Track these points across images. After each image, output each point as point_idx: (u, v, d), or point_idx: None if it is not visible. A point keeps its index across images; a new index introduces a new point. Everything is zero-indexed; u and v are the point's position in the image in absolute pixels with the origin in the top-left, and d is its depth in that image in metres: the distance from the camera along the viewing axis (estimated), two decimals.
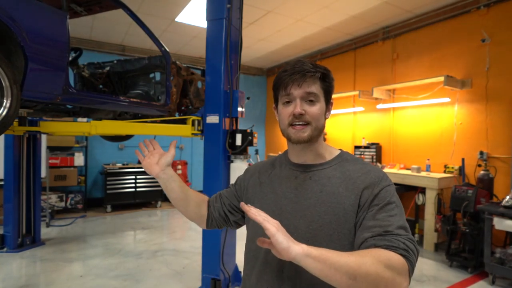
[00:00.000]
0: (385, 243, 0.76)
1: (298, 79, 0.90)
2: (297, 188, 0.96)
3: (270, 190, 1.01)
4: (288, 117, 0.92)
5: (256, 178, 1.09)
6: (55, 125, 3.32)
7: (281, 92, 0.94)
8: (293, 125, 0.92)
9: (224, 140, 2.89)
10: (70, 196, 5.86)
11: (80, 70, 3.70)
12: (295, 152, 1.01)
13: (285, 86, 0.91)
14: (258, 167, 1.13)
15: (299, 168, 1.00)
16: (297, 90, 0.90)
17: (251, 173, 1.13)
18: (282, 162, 1.06)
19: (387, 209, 0.85)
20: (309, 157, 0.98)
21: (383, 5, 4.57)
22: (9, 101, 2.11)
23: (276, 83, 0.95)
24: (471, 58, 4.27)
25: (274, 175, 1.04)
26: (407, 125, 5.12)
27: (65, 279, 3.20)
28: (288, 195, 0.96)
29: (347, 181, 0.92)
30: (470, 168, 4.21)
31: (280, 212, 0.95)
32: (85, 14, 3.44)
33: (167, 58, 3.55)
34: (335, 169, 0.96)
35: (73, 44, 3.76)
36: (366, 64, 5.84)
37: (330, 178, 0.94)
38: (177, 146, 7.43)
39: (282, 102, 0.95)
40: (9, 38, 2.21)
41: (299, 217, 0.92)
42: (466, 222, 3.62)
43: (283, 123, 0.95)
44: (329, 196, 0.91)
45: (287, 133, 0.95)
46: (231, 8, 2.85)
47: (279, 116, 0.97)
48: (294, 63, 0.94)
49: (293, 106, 0.91)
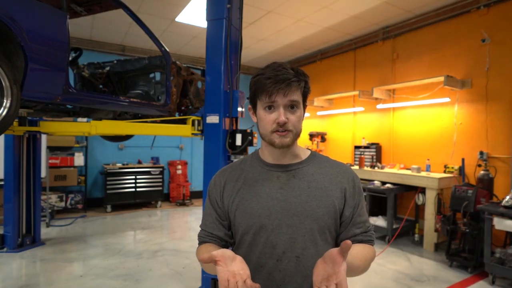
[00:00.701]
0: (368, 238, 1.00)
1: (284, 88, 0.90)
2: (282, 187, 0.97)
3: (252, 193, 0.98)
4: (272, 124, 0.93)
5: (230, 186, 1.03)
6: (55, 125, 3.33)
7: (264, 98, 0.93)
8: (276, 131, 0.93)
9: (224, 140, 2.89)
10: (70, 196, 5.86)
11: (80, 70, 3.70)
12: (274, 155, 1.01)
13: (269, 94, 0.91)
14: (225, 176, 1.06)
15: (279, 168, 1.00)
16: (282, 99, 0.91)
17: (220, 185, 1.04)
18: (254, 165, 1.04)
19: (362, 204, 1.02)
20: (288, 158, 1.01)
21: (383, 5, 4.57)
22: (9, 101, 2.12)
23: (258, 88, 0.94)
24: (471, 58, 4.28)
25: (250, 179, 1.01)
26: (407, 125, 5.12)
27: (65, 279, 3.20)
28: (274, 196, 0.96)
29: (329, 176, 1.00)
30: (470, 168, 4.22)
31: (269, 213, 0.95)
32: (85, 14, 3.44)
33: (167, 58, 3.55)
34: (314, 166, 1.02)
35: (73, 44, 3.76)
36: (366, 64, 5.84)
37: (313, 174, 1.00)
38: (177, 146, 7.44)
39: (263, 106, 0.94)
40: (9, 38, 2.21)
41: (291, 214, 0.94)
42: (466, 222, 3.62)
43: (265, 128, 0.95)
44: (318, 191, 0.97)
45: (270, 139, 0.95)
46: (231, 8, 2.85)
47: (261, 120, 0.96)
48: (275, 68, 0.93)
49: (277, 114, 0.92)
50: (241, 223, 0.97)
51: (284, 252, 0.93)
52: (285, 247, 0.93)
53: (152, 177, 6.52)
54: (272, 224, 0.94)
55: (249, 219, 0.96)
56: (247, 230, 0.97)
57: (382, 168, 5.01)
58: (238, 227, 0.99)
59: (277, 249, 0.93)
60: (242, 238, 0.99)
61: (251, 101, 1.01)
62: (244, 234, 0.98)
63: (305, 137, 6.63)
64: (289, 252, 0.93)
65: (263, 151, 1.05)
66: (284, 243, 0.93)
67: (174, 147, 7.37)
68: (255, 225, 0.95)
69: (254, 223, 0.95)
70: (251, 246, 0.96)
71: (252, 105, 1.01)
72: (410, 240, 4.59)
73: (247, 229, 0.96)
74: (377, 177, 4.80)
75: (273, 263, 0.93)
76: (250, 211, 0.96)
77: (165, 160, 7.18)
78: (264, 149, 1.04)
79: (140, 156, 6.88)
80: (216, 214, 1.03)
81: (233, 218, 1.00)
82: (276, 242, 0.93)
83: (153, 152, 6.92)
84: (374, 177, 4.83)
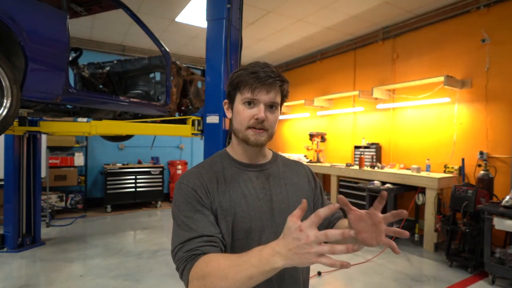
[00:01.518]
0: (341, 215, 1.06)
1: (268, 85, 0.90)
2: (264, 187, 0.98)
3: (239, 195, 0.94)
4: (250, 119, 0.92)
5: (213, 189, 0.93)
6: (55, 125, 3.33)
7: (245, 93, 0.91)
8: (253, 128, 0.92)
9: (224, 140, 2.89)
10: (70, 196, 5.86)
11: (80, 70, 3.71)
12: (249, 154, 1.00)
13: (252, 88, 0.90)
14: (202, 178, 0.94)
15: (254, 168, 1.00)
16: (264, 96, 0.91)
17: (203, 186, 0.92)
18: (228, 166, 0.99)
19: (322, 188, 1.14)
20: (259, 158, 1.02)
21: (383, 5, 4.57)
22: (9, 101, 2.12)
23: (240, 82, 0.92)
24: (471, 58, 4.28)
25: (231, 181, 0.95)
26: (407, 125, 5.12)
27: (65, 279, 3.20)
28: (259, 196, 0.96)
29: (294, 172, 1.07)
30: (470, 168, 4.21)
31: (260, 214, 0.93)
32: (85, 14, 3.45)
33: (167, 58, 3.55)
34: (280, 164, 1.06)
35: (73, 44, 3.77)
36: (366, 64, 5.84)
37: (284, 172, 1.04)
38: (177, 146, 7.44)
39: (243, 101, 0.93)
40: (9, 38, 2.21)
41: (277, 213, 0.96)
42: (466, 222, 3.62)
43: (241, 123, 0.93)
44: (293, 187, 1.02)
45: (245, 135, 0.93)
46: (231, 8, 2.85)
47: (238, 114, 0.94)
48: (260, 65, 0.92)
49: (257, 110, 0.91)
50: (233, 227, 0.91)
51: None
52: None
53: (152, 177, 6.52)
54: (262, 225, 0.93)
55: (242, 222, 0.91)
56: (239, 234, 0.92)
57: (382, 168, 5.01)
58: (228, 234, 0.91)
59: None
60: (233, 244, 0.91)
61: (228, 95, 0.99)
62: (235, 239, 0.91)
63: (305, 137, 6.63)
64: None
65: (235, 151, 1.01)
66: None
67: (174, 147, 7.37)
68: (247, 229, 0.92)
69: (246, 227, 0.92)
70: (243, 250, 0.89)
71: (229, 99, 0.99)
72: (410, 240, 4.59)
73: (238, 234, 0.92)
74: (377, 177, 4.80)
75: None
76: (242, 214, 0.92)
77: (165, 160, 7.18)
78: (237, 148, 1.01)
79: (140, 156, 6.88)
80: (212, 215, 0.90)
81: (222, 224, 0.90)
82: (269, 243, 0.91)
83: (153, 152, 6.92)
84: (374, 177, 4.83)
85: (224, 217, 0.90)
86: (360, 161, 5.23)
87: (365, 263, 3.75)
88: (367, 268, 3.60)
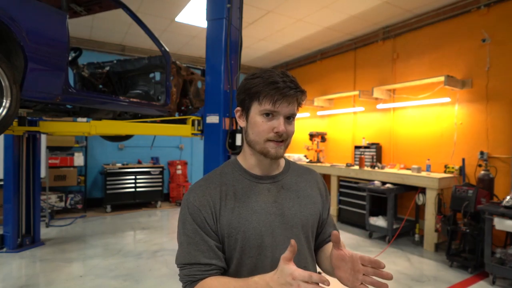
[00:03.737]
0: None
1: (289, 97, 0.86)
2: (276, 200, 0.94)
3: (249, 211, 0.90)
4: (269, 132, 0.88)
5: (221, 206, 0.90)
6: (55, 125, 3.32)
7: (264, 104, 0.87)
8: (272, 140, 0.89)
9: (224, 140, 2.88)
10: (69, 196, 5.85)
11: (80, 70, 3.70)
12: (263, 166, 0.96)
13: (273, 100, 0.86)
14: (207, 194, 0.91)
15: (267, 180, 0.96)
16: (285, 109, 0.87)
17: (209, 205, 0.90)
18: (239, 177, 0.95)
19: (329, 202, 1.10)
20: (273, 168, 0.99)
21: (383, 5, 4.56)
22: (8, 101, 2.11)
23: (259, 91, 0.87)
24: (472, 58, 4.27)
25: (241, 195, 0.92)
26: (407, 125, 5.11)
27: (65, 279, 3.20)
28: (270, 210, 0.92)
29: (307, 182, 1.04)
30: (471, 168, 4.21)
31: (272, 230, 0.90)
32: (85, 14, 3.44)
33: (167, 58, 3.55)
34: (293, 174, 1.03)
35: (73, 44, 3.76)
36: (366, 64, 5.84)
37: (297, 183, 1.01)
38: (177, 146, 7.43)
39: (261, 113, 0.88)
40: (9, 38, 2.20)
41: (290, 227, 0.93)
42: (467, 222, 3.61)
43: (259, 135, 0.89)
44: (306, 199, 0.99)
45: (264, 147, 0.89)
46: (231, 8, 2.85)
47: (255, 126, 0.89)
48: (279, 75, 0.87)
49: (277, 123, 0.87)
50: (243, 246, 0.88)
51: None
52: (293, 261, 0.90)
53: (152, 177, 6.51)
54: (275, 240, 0.90)
55: (252, 240, 0.88)
56: (251, 252, 0.89)
57: (382, 168, 5.01)
58: (238, 252, 0.89)
59: None
60: (242, 262, 0.89)
61: (242, 102, 0.92)
62: (246, 258, 0.89)
63: (305, 137, 6.63)
64: (297, 264, 0.88)
65: (247, 161, 0.97)
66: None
67: (174, 147, 7.37)
68: (259, 246, 0.89)
69: (258, 244, 0.89)
70: (256, 269, 0.88)
71: (242, 107, 0.93)
72: (410, 240, 4.59)
73: (250, 251, 0.88)
74: (377, 177, 4.79)
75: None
76: (253, 232, 0.88)
77: (165, 160, 7.17)
78: (250, 159, 0.96)
79: (140, 156, 6.88)
80: (212, 240, 0.88)
81: (231, 241, 0.89)
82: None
83: (153, 152, 6.91)
84: (374, 177, 4.82)
85: (233, 235, 0.88)
86: (360, 161, 5.23)
87: None
88: None
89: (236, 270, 0.90)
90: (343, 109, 6.17)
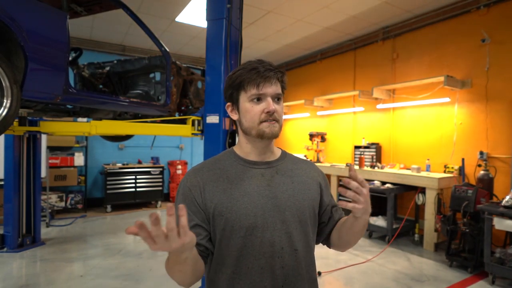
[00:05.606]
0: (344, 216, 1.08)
1: (270, 77, 0.93)
2: (269, 184, 0.97)
3: (241, 193, 0.94)
4: (261, 114, 0.94)
5: (212, 187, 0.95)
6: (55, 125, 3.33)
7: (251, 90, 0.93)
8: (265, 121, 0.94)
9: (224, 140, 2.89)
10: (70, 196, 5.86)
11: (80, 70, 3.71)
12: (258, 151, 1.00)
13: (257, 84, 0.92)
14: (201, 176, 0.97)
15: (261, 165, 1.00)
16: (269, 89, 0.93)
17: (199, 186, 0.95)
18: (233, 163, 1.00)
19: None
20: (268, 155, 1.03)
21: (383, 5, 4.57)
22: (9, 101, 2.12)
23: (243, 81, 0.94)
24: (471, 58, 4.28)
25: (234, 178, 0.96)
26: (407, 125, 5.12)
27: (65, 279, 3.20)
28: (263, 193, 0.95)
29: (304, 170, 1.06)
30: (470, 168, 4.21)
31: (263, 212, 0.93)
32: (85, 14, 3.44)
33: (167, 58, 3.55)
34: (289, 162, 1.06)
35: (73, 44, 3.76)
36: (366, 64, 5.84)
37: (292, 170, 1.04)
38: (177, 146, 7.44)
39: (249, 99, 0.94)
40: (9, 38, 2.21)
41: (283, 210, 0.96)
42: (466, 222, 3.61)
43: (252, 120, 0.95)
44: (301, 185, 1.02)
45: (259, 129, 0.94)
46: (231, 8, 2.85)
47: (247, 113, 0.95)
48: (256, 61, 0.96)
49: (266, 104, 0.93)
50: (233, 226, 0.91)
51: (282, 248, 0.93)
52: (282, 243, 0.93)
53: (152, 177, 6.52)
54: (266, 222, 0.93)
55: (243, 220, 0.91)
56: (240, 232, 0.91)
57: (382, 168, 5.01)
58: (228, 231, 0.92)
59: (275, 247, 0.92)
60: (232, 242, 0.92)
61: (230, 97, 0.99)
62: (235, 238, 0.92)
63: (305, 137, 6.63)
64: (288, 247, 0.94)
65: (242, 149, 1.02)
66: (281, 239, 0.93)
67: (174, 147, 7.37)
68: (249, 226, 0.91)
69: (249, 224, 0.91)
70: (245, 248, 0.92)
71: (232, 101, 0.99)
72: (410, 240, 4.60)
73: (240, 231, 0.91)
74: (377, 177, 4.80)
75: (274, 261, 0.92)
76: (244, 211, 0.92)
77: (165, 160, 7.18)
78: (245, 147, 1.01)
79: (140, 156, 6.89)
80: (197, 219, 0.92)
81: (220, 222, 0.92)
82: (273, 240, 0.92)
83: (153, 152, 6.92)
84: (374, 177, 4.83)
85: (224, 214, 0.92)
86: (360, 161, 5.23)
87: (365, 263, 3.75)
88: (367, 268, 3.60)
89: (225, 249, 0.93)
90: (343, 109, 6.17)
